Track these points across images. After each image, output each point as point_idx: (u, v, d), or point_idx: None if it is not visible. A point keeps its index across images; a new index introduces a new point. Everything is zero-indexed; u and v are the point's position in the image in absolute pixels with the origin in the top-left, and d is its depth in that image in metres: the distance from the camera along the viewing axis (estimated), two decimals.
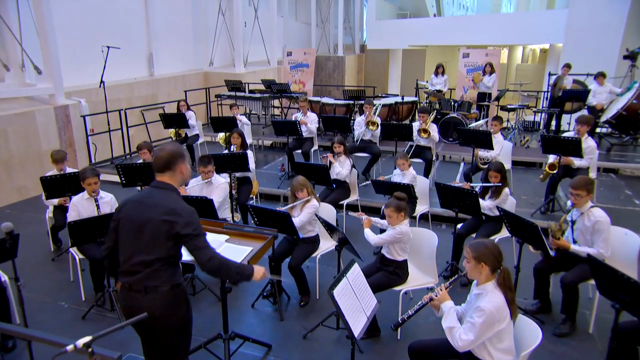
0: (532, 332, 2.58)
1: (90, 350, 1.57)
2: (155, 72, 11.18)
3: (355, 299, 2.81)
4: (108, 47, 7.37)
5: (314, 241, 4.20)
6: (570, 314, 3.70)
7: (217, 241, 3.01)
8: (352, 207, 5.87)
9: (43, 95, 7.80)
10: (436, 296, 2.67)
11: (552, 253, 3.63)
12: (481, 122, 7.34)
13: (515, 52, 22.66)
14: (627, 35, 11.16)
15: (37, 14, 7.15)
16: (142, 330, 2.53)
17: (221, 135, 7.42)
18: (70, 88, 8.43)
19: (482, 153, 6.13)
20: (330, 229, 3.62)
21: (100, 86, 7.46)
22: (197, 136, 7.93)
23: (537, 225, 3.45)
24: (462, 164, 7.47)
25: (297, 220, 3.98)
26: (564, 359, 3.44)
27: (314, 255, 4.18)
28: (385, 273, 3.66)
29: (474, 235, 4.56)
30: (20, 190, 7.02)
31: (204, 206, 3.89)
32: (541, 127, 9.60)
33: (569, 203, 3.88)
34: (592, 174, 5.71)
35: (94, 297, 4.17)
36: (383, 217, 4.17)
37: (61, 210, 4.95)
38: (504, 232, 4.46)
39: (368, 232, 3.77)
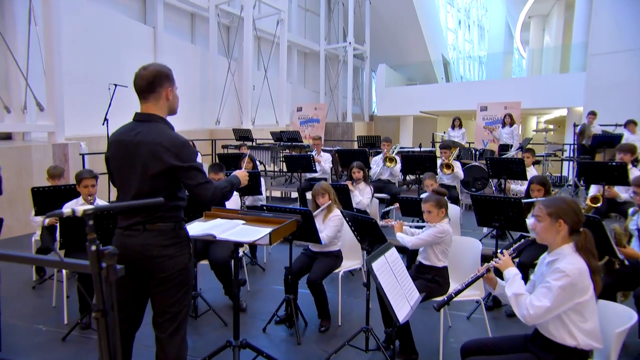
0: (621, 314, 2.20)
1: (91, 222, 1.28)
2: None
3: (395, 282, 2.47)
4: (115, 85, 7.50)
5: (337, 256, 3.87)
6: None
7: (232, 222, 2.74)
8: None
9: (42, 135, 7.84)
10: (497, 262, 2.31)
11: (620, 256, 3.26)
12: (512, 152, 7.19)
13: (529, 124, 23.21)
14: None
15: (46, 48, 7.42)
16: (132, 278, 2.15)
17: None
18: (72, 136, 8.50)
19: (514, 186, 5.91)
20: (358, 224, 3.32)
21: (103, 124, 7.48)
22: None
23: (601, 219, 3.14)
24: None
25: (323, 235, 3.69)
26: None
27: (336, 271, 3.83)
28: (423, 282, 3.29)
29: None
30: (4, 230, 6.72)
31: None
32: (570, 179, 9.39)
33: (630, 210, 3.60)
34: None
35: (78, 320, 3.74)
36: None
37: (50, 231, 4.64)
38: None
39: (401, 235, 3.46)
